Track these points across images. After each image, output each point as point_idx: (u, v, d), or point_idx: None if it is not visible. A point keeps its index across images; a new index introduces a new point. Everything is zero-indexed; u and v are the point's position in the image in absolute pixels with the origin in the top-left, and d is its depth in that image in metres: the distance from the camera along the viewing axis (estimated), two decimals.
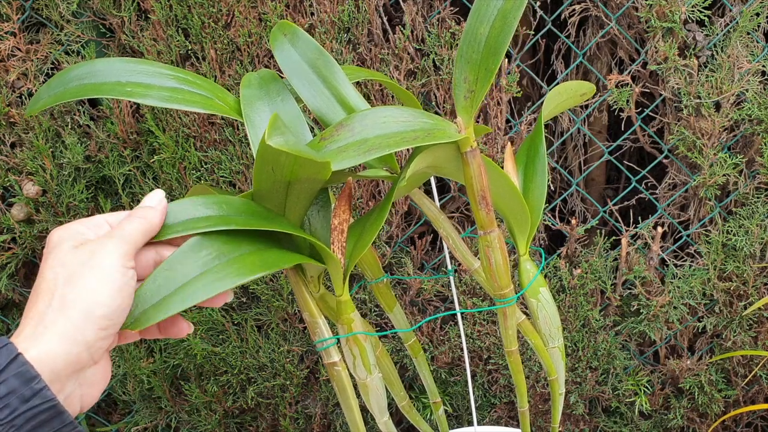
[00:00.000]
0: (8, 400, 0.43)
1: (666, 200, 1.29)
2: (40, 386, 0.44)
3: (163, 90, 0.64)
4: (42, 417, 0.44)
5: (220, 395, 1.35)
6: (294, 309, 1.28)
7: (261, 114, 0.66)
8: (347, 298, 0.66)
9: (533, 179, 0.73)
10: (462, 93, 0.59)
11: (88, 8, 1.17)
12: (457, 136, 0.58)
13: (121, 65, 0.65)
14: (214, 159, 1.20)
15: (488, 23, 0.58)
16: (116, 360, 1.33)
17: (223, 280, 0.54)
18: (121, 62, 0.65)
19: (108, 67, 0.65)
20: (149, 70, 0.65)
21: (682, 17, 1.14)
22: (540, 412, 1.38)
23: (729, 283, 1.25)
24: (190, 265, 0.54)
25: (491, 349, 1.31)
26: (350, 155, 0.56)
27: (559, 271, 1.28)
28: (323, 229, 0.66)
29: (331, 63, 0.68)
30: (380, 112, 0.59)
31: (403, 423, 1.39)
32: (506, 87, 1.19)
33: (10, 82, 1.17)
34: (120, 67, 0.65)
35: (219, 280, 0.53)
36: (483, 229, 0.65)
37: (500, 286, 0.69)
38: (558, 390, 0.84)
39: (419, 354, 0.88)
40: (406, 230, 1.29)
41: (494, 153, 1.23)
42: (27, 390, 0.43)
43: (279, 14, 1.13)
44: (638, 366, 1.35)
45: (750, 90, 1.18)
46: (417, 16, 1.16)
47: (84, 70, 0.65)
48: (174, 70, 0.66)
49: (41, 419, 0.44)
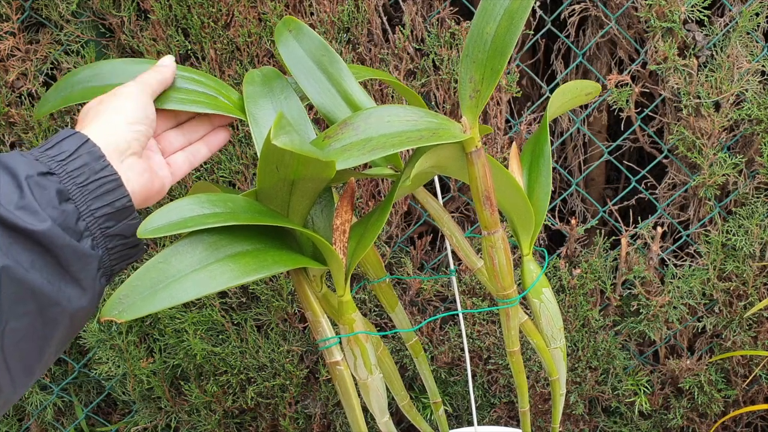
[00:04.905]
0: (83, 170, 0.54)
1: (666, 200, 1.29)
2: (106, 163, 0.55)
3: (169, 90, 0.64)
4: (107, 186, 0.55)
5: (220, 395, 1.35)
6: (294, 309, 1.28)
7: (264, 111, 0.66)
8: (349, 298, 0.66)
9: (538, 179, 0.73)
10: (467, 93, 0.59)
11: (87, 8, 1.17)
12: (463, 136, 0.58)
13: (125, 67, 0.65)
14: (213, 159, 1.20)
15: (495, 23, 0.58)
16: (116, 360, 1.33)
17: (216, 279, 0.53)
18: (125, 64, 0.65)
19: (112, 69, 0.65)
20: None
21: (681, 17, 1.15)
22: (540, 412, 1.38)
23: (729, 283, 1.25)
24: (185, 261, 0.54)
25: (491, 349, 1.31)
26: (354, 155, 0.56)
27: (558, 271, 1.28)
28: (326, 228, 0.66)
29: (336, 59, 0.68)
30: (385, 110, 0.58)
31: (404, 423, 1.39)
32: (506, 87, 1.19)
33: (10, 82, 1.16)
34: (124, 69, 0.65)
35: (212, 279, 0.53)
36: (487, 229, 0.65)
37: (503, 286, 0.69)
38: (559, 390, 0.84)
39: (420, 354, 0.88)
40: (406, 230, 1.29)
41: (494, 153, 1.23)
42: (97, 164, 0.55)
43: (279, 14, 1.13)
44: (638, 366, 1.35)
45: (749, 90, 1.18)
46: (417, 16, 1.16)
47: (88, 73, 0.65)
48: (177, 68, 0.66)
49: (107, 188, 0.55)
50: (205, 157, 0.69)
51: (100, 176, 0.55)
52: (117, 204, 0.55)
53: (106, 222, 0.55)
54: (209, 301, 1.27)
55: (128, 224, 0.56)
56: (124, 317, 0.51)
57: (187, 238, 0.55)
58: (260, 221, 0.56)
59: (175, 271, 0.53)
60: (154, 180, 0.62)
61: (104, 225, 0.55)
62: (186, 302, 0.54)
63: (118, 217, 0.55)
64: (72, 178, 0.53)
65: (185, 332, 1.28)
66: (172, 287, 0.52)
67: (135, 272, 0.52)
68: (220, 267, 0.54)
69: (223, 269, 0.54)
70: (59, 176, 0.53)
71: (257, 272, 0.55)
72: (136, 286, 0.52)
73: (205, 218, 0.54)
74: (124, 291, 0.52)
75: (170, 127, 0.67)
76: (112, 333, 1.31)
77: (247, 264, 0.55)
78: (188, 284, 0.53)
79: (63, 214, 0.52)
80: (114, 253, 0.56)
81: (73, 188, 0.53)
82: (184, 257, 0.54)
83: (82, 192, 0.53)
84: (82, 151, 0.55)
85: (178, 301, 0.52)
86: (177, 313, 1.28)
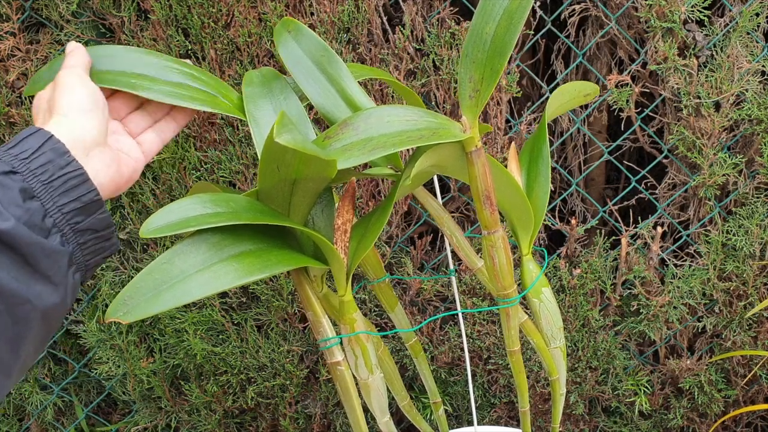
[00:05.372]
0: (47, 167, 0.54)
1: (666, 200, 1.29)
2: (71, 158, 0.55)
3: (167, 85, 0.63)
4: (73, 182, 0.55)
5: (220, 395, 1.35)
6: (294, 309, 1.28)
7: (264, 112, 0.66)
8: (350, 298, 0.66)
9: (536, 179, 0.73)
10: (467, 92, 0.59)
11: (87, 8, 1.17)
12: (462, 136, 0.58)
13: (127, 54, 0.65)
14: (213, 159, 1.20)
15: (494, 23, 0.58)
16: (116, 360, 1.33)
17: (221, 279, 0.53)
18: (126, 51, 0.65)
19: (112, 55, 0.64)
20: (155, 63, 0.65)
21: (681, 17, 1.15)
22: (540, 412, 1.38)
23: (729, 283, 1.26)
24: (189, 261, 0.54)
25: (491, 349, 1.31)
26: (355, 154, 0.56)
27: (558, 271, 1.28)
28: (327, 228, 0.66)
29: (336, 60, 0.68)
30: (385, 110, 0.58)
31: (404, 423, 1.39)
32: (506, 87, 1.19)
33: (10, 82, 1.16)
34: (125, 57, 0.65)
35: (216, 279, 0.53)
36: (487, 228, 0.65)
37: (503, 286, 0.69)
38: (559, 390, 0.84)
39: (420, 354, 0.88)
40: (406, 230, 1.29)
41: (494, 153, 1.23)
42: (61, 160, 0.55)
43: (279, 14, 1.13)
44: (638, 366, 1.35)
45: (750, 90, 1.18)
46: (417, 16, 1.16)
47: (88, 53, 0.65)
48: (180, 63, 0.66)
49: (72, 183, 0.55)
50: (175, 132, 0.69)
51: (66, 172, 0.55)
52: (84, 198, 0.56)
53: (75, 217, 0.55)
54: (209, 300, 1.28)
55: (98, 218, 0.57)
56: (128, 318, 0.51)
57: (190, 239, 0.54)
58: (262, 221, 0.56)
59: (179, 272, 0.53)
60: (124, 167, 0.62)
61: (73, 220, 0.55)
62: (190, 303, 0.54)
63: (87, 211, 0.56)
64: (36, 176, 0.54)
65: (185, 332, 1.28)
66: (176, 288, 0.52)
67: (139, 273, 0.52)
68: (224, 267, 0.54)
69: (227, 269, 0.54)
70: (23, 174, 0.53)
71: (261, 272, 0.55)
72: (140, 288, 0.52)
73: (208, 218, 0.54)
74: (128, 292, 0.52)
75: (134, 109, 0.68)
76: (113, 333, 1.31)
77: (251, 264, 0.55)
78: (192, 285, 0.53)
79: (28, 213, 0.52)
80: (87, 247, 0.56)
81: (37, 186, 0.53)
82: (187, 258, 0.54)
83: (47, 189, 0.54)
84: (46, 148, 0.55)
85: (182, 301, 0.52)
86: (177, 313, 1.28)
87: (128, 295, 0.51)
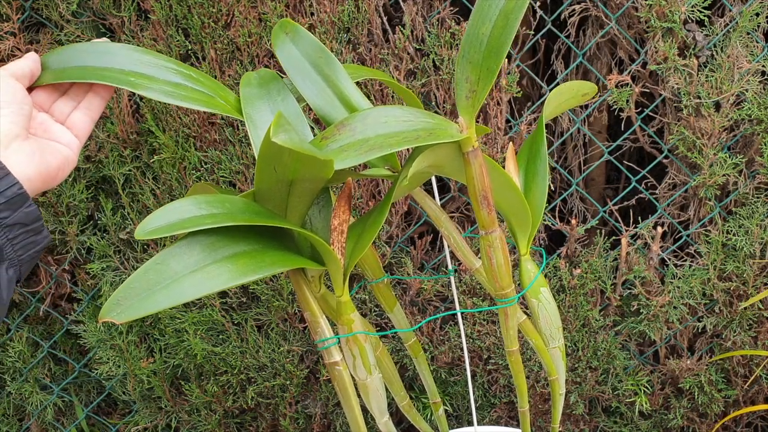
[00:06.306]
0: None
1: (666, 200, 1.29)
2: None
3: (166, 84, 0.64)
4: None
5: (220, 395, 1.35)
6: (294, 309, 1.28)
7: (262, 113, 0.66)
8: (347, 298, 0.66)
9: (534, 179, 0.73)
10: (464, 93, 0.59)
11: (88, 8, 1.17)
12: (459, 136, 0.58)
13: (126, 52, 0.65)
14: (214, 159, 1.20)
15: (490, 23, 0.58)
16: (116, 360, 1.33)
17: (214, 280, 0.53)
18: (126, 49, 0.65)
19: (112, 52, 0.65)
20: (154, 62, 0.65)
21: (681, 17, 1.14)
22: (540, 412, 1.38)
23: (729, 283, 1.25)
24: (182, 262, 0.54)
25: (491, 349, 1.31)
26: (351, 155, 0.56)
27: (558, 271, 1.28)
28: (324, 228, 0.66)
29: (333, 61, 0.68)
30: (381, 111, 0.59)
31: (403, 423, 1.39)
32: (506, 87, 1.19)
33: None
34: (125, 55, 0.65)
35: (209, 279, 0.53)
36: (484, 229, 0.65)
37: (501, 286, 0.69)
38: (558, 390, 0.84)
39: (419, 354, 0.88)
40: (406, 230, 1.29)
41: (494, 153, 1.23)
42: None
43: (279, 14, 1.13)
44: (638, 366, 1.35)
45: (750, 90, 1.18)
46: (417, 16, 1.16)
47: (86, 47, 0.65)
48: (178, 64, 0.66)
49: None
50: (101, 107, 0.68)
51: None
52: (8, 193, 0.55)
53: (1, 213, 0.55)
54: (209, 301, 1.28)
55: (25, 212, 0.57)
56: (122, 318, 0.51)
57: (185, 239, 0.55)
58: (258, 222, 0.57)
59: (173, 273, 0.53)
60: (50, 155, 0.62)
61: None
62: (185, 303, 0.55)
63: (13, 206, 0.56)
64: None
65: (185, 332, 1.28)
66: (169, 288, 0.52)
67: (133, 273, 0.52)
68: (218, 268, 0.54)
69: (221, 270, 0.54)
70: None
71: (255, 273, 0.55)
72: (134, 288, 0.52)
73: (203, 219, 0.55)
74: (122, 293, 0.52)
75: (57, 98, 0.67)
76: (113, 333, 1.31)
77: (245, 265, 0.55)
78: (186, 285, 0.53)
79: None
80: (17, 242, 0.56)
81: None
82: (181, 258, 0.54)
83: None
84: None
85: (175, 302, 0.52)
86: (177, 313, 1.28)
87: (122, 296, 0.51)
